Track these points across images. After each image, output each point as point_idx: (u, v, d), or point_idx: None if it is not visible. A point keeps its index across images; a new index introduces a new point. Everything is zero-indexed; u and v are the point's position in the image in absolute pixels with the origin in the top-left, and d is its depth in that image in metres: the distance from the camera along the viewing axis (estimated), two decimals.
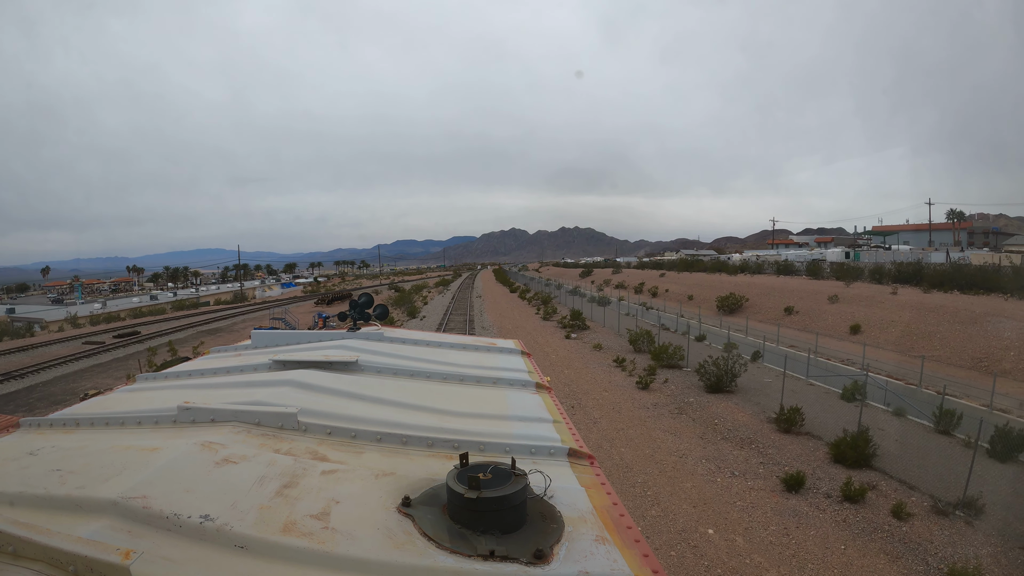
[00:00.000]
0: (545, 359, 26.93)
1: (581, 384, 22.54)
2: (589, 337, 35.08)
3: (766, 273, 64.22)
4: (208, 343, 35.35)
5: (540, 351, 29.49)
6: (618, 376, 23.93)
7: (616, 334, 36.11)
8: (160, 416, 2.75)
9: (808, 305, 41.65)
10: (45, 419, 2.90)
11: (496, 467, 1.94)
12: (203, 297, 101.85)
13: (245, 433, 2.51)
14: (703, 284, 61.29)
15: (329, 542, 1.70)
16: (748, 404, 19.17)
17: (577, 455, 2.62)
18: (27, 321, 59.70)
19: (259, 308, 67.18)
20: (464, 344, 5.30)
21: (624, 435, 16.39)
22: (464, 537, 1.77)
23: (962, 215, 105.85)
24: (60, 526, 1.64)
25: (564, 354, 29.42)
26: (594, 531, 1.88)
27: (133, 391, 3.71)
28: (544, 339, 34.96)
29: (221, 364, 4.17)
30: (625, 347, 30.94)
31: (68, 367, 31.42)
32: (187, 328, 47.95)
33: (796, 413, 16.31)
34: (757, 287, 51.33)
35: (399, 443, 2.58)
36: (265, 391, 3.14)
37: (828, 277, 52.34)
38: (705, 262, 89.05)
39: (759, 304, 46.07)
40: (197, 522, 1.72)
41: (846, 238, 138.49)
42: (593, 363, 26.76)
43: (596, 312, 45.85)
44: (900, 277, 44.49)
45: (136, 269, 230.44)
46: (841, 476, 13.00)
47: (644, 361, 26.23)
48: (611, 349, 30.39)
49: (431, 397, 3.49)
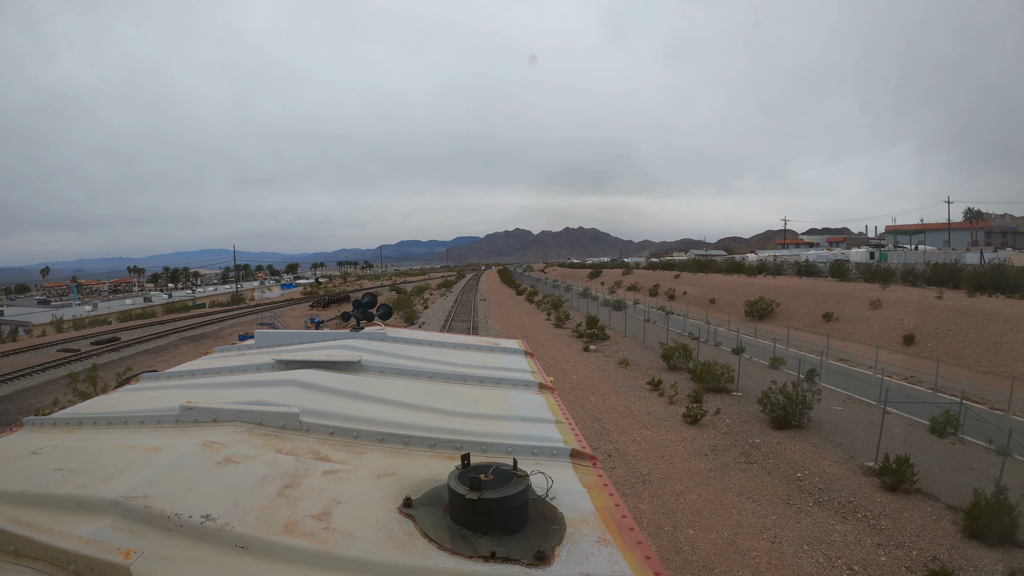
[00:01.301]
0: (564, 379, 23.46)
1: (613, 416, 18.55)
2: (610, 349, 31.30)
3: (786, 274, 61.06)
4: (184, 353, 34.55)
5: (556, 368, 25.95)
6: (656, 404, 20.01)
7: (641, 345, 32.29)
8: (162, 415, 2.76)
9: (847, 311, 37.48)
10: (48, 418, 2.90)
11: (498, 468, 1.93)
12: (199, 299, 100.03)
13: (247, 433, 2.51)
14: (723, 286, 57.59)
15: (330, 542, 1.70)
16: (828, 445, 15.60)
17: (579, 456, 2.61)
18: (14, 324, 58.24)
19: (252, 311, 65.27)
20: (467, 344, 5.30)
21: (687, 503, 12.40)
22: (465, 538, 1.76)
23: (980, 214, 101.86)
24: (61, 525, 1.64)
25: (585, 372, 25.46)
26: (596, 533, 1.87)
27: (136, 390, 3.72)
28: (559, 351, 31.20)
29: (224, 364, 4.17)
30: (654, 362, 27.08)
31: (34, 379, 28.30)
32: (170, 334, 44.91)
33: (906, 465, 12.71)
34: (784, 290, 47.48)
35: (401, 443, 2.58)
36: (267, 391, 3.14)
37: (855, 279, 49.25)
38: (719, 262, 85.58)
39: (792, 309, 42.23)
40: (198, 522, 1.72)
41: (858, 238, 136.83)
42: (622, 385, 22.87)
43: (613, 318, 42.05)
44: (935, 279, 41.66)
45: (137, 270, 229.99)
46: (995, 567, 9.87)
47: (683, 382, 22.24)
48: (639, 365, 26.58)
49: (434, 397, 3.48)
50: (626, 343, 33.30)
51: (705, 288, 58.94)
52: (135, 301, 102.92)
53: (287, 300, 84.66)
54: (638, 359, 28.05)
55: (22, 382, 27.66)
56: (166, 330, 46.95)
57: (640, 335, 34.56)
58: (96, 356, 34.02)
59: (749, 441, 16.07)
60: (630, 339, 34.60)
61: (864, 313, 36.20)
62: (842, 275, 51.82)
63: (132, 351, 36.38)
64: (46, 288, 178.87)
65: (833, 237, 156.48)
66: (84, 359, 33.16)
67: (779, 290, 47.58)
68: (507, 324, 43.80)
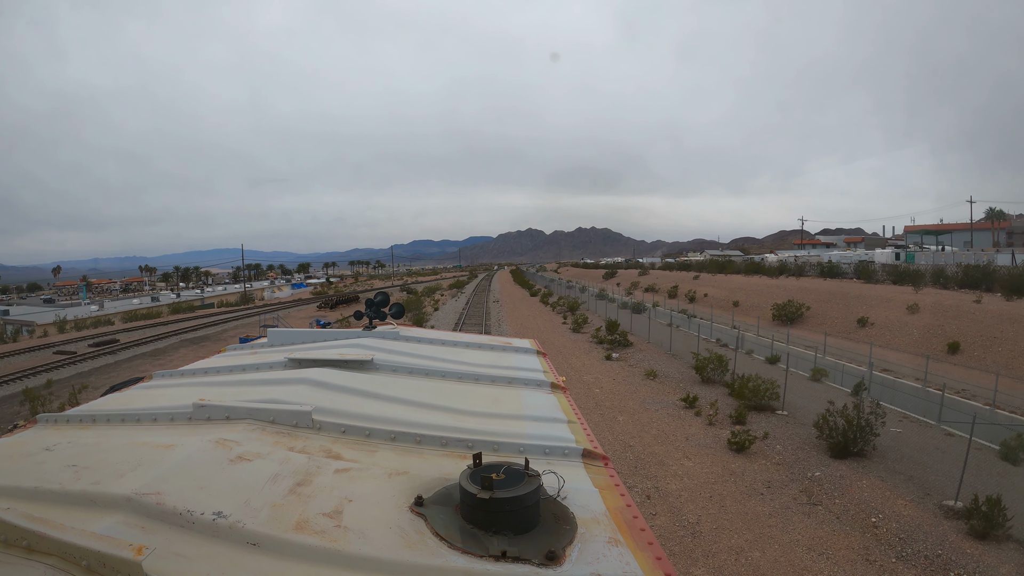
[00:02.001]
0: (587, 394, 21.21)
1: (647, 442, 15.99)
2: (634, 358, 28.59)
3: (808, 276, 58.38)
4: (183, 356, 33.37)
5: (578, 380, 23.46)
6: (694, 426, 17.56)
7: (667, 354, 29.66)
8: (175, 413, 2.77)
9: (882, 315, 35.02)
10: (62, 415, 2.93)
11: (509, 467, 1.92)
12: (208, 298, 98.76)
13: (259, 431, 2.52)
14: (745, 288, 54.80)
15: (341, 541, 1.70)
16: (897, 479, 13.41)
17: (591, 456, 2.60)
18: (18, 324, 57.74)
19: (259, 311, 62.19)
20: (480, 343, 5.29)
21: (749, 565, 10.19)
22: (476, 537, 1.75)
23: (1002, 214, 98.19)
24: (74, 521, 1.65)
25: (609, 385, 22.84)
26: (607, 533, 1.85)
27: (149, 388, 3.75)
28: (579, 360, 28.56)
29: (236, 362, 4.19)
30: (684, 374, 24.54)
31: (20, 384, 26.03)
32: (171, 336, 43.13)
33: (997, 508, 10.63)
34: (811, 292, 44.90)
35: (413, 442, 2.58)
36: (280, 389, 3.15)
37: (883, 280, 47.01)
38: (738, 263, 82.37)
39: (822, 313, 39.56)
40: (210, 519, 1.73)
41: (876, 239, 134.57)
42: (652, 401, 20.34)
43: (633, 322, 39.26)
44: (968, 282, 39.50)
45: (148, 269, 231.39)
46: None
47: (719, 398, 19.85)
48: (668, 377, 23.97)
49: (446, 396, 3.48)
50: (650, 351, 30.68)
51: (727, 290, 56.38)
52: (142, 301, 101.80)
53: (295, 301, 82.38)
54: (666, 370, 25.35)
55: (11, 387, 25.88)
56: (168, 331, 45.64)
57: (664, 341, 32.05)
58: (92, 359, 33.06)
59: (808, 475, 13.73)
60: (654, 346, 32.17)
61: (901, 318, 33.93)
62: (868, 277, 49.60)
63: (130, 354, 35.31)
64: (57, 287, 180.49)
65: (850, 238, 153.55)
66: (80, 362, 32.12)
67: (806, 292, 45.20)
68: (521, 328, 41.45)
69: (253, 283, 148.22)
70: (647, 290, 70.51)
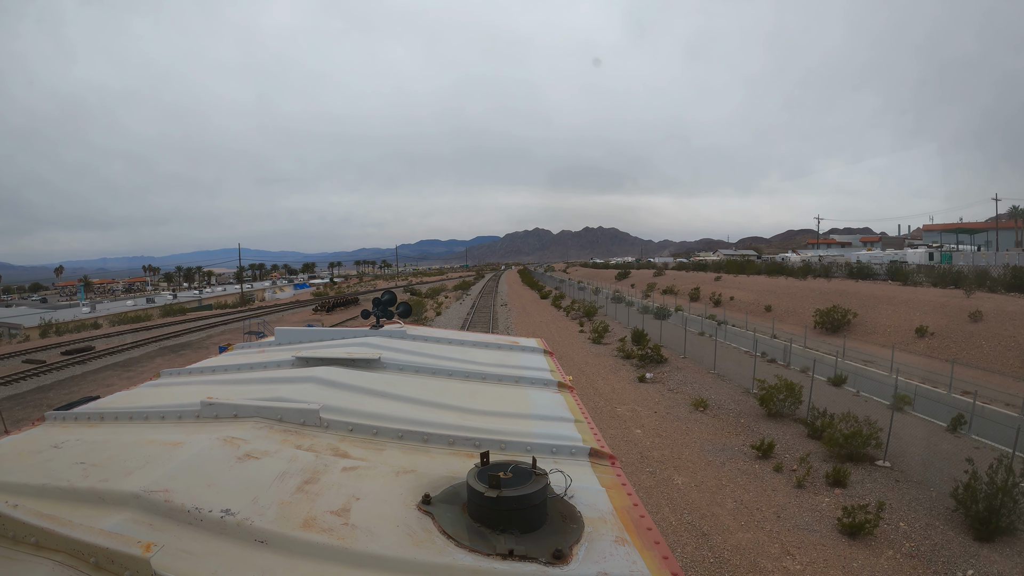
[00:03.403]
0: (625, 435, 16.55)
1: (724, 522, 11.72)
2: (673, 378, 23.38)
3: (836, 277, 53.55)
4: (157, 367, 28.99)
5: (608, 411, 18.99)
6: (779, 489, 13.07)
7: (712, 373, 24.15)
8: (183, 411, 2.78)
9: (940, 323, 30.30)
10: (70, 413, 2.95)
11: (517, 466, 1.92)
12: (206, 299, 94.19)
13: (267, 429, 2.52)
14: (774, 290, 49.86)
15: (349, 538, 1.70)
16: None
17: (598, 455, 2.59)
18: (4, 327, 55.05)
19: (253, 314, 58.23)
20: (487, 342, 5.29)
21: None
22: (483, 536, 1.75)
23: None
24: (82, 518, 1.66)
25: (651, 421, 17.91)
26: (614, 532, 1.85)
27: (157, 386, 3.76)
28: (606, 381, 23.35)
29: (244, 360, 4.21)
30: (739, 401, 19.77)
31: None
32: (150, 343, 39.70)
33: None
34: (850, 296, 40.12)
35: (420, 441, 2.58)
36: (287, 387, 3.16)
37: (921, 283, 42.66)
38: (758, 263, 76.23)
39: (871, 320, 34.76)
40: (218, 516, 1.73)
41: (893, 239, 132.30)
42: (713, 448, 15.54)
43: (657, 329, 33.70)
44: (1016, 284, 35.74)
45: (152, 269, 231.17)
46: None
47: (795, 439, 15.78)
48: (722, 408, 19.15)
49: (453, 395, 3.48)
50: (690, 368, 25.34)
51: (754, 292, 51.63)
52: (136, 302, 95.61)
53: (292, 303, 77.65)
54: (716, 396, 20.37)
55: None
56: (150, 337, 42.37)
57: (701, 354, 27.52)
58: (59, 369, 30.21)
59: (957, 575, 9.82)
60: (692, 361, 26.90)
61: (963, 327, 29.35)
62: (905, 279, 45.30)
63: (101, 363, 32.60)
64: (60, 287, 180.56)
65: (867, 237, 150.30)
66: (47, 372, 29.31)
67: (844, 296, 40.24)
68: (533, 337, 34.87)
69: (254, 284, 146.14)
70: (665, 292, 65.68)
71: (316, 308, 60.85)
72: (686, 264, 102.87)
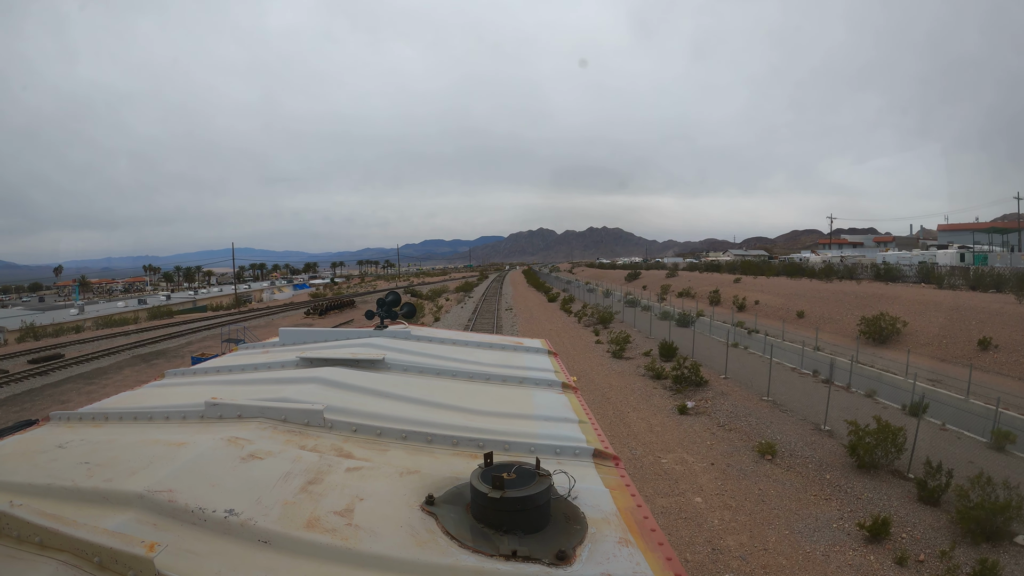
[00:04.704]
0: (680, 507, 12.35)
1: None
2: (720, 407, 18.85)
3: (862, 279, 50.17)
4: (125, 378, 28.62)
5: (650, 464, 14.58)
6: None
7: (767, 401, 19.43)
8: (187, 411, 2.79)
9: (1004, 336, 26.61)
10: (75, 413, 2.95)
11: (520, 467, 1.92)
12: (201, 300, 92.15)
13: (271, 429, 2.53)
14: (801, 294, 45.35)
15: (352, 539, 1.70)
16: None
17: (602, 456, 2.59)
18: None
19: (242, 317, 56.23)
20: (491, 343, 5.29)
21: None
22: (487, 537, 1.75)
23: None
24: (86, 518, 1.66)
25: (711, 480, 13.61)
26: (617, 533, 1.85)
27: (161, 386, 3.77)
28: (637, 410, 19.27)
29: (249, 361, 4.22)
30: (813, 442, 15.39)
31: None
32: (123, 350, 37.13)
33: None
34: (887, 300, 35.80)
35: (424, 441, 2.58)
36: (292, 388, 3.16)
37: (958, 286, 39.23)
38: (775, 265, 71.49)
39: (921, 329, 30.53)
40: (222, 516, 1.74)
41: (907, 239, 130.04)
42: (804, 528, 11.47)
43: (683, 339, 29.88)
44: None
45: (152, 268, 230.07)
46: None
47: (905, 508, 11.88)
48: (796, 455, 14.67)
49: (457, 396, 3.48)
50: (736, 392, 20.59)
51: (780, 296, 47.14)
52: (127, 303, 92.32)
53: (286, 305, 73.97)
54: (783, 436, 15.87)
55: None
56: (127, 343, 40.03)
57: (745, 373, 23.23)
58: (19, 381, 28.14)
59: None
60: (735, 383, 22.01)
61: None
62: (940, 281, 41.62)
63: (65, 374, 30.29)
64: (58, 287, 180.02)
65: (880, 237, 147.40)
66: (7, 384, 27.28)
67: (881, 300, 35.98)
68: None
69: (252, 284, 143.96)
70: (681, 295, 61.25)
71: (308, 311, 57.87)
72: (697, 265, 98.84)
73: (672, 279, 77.32)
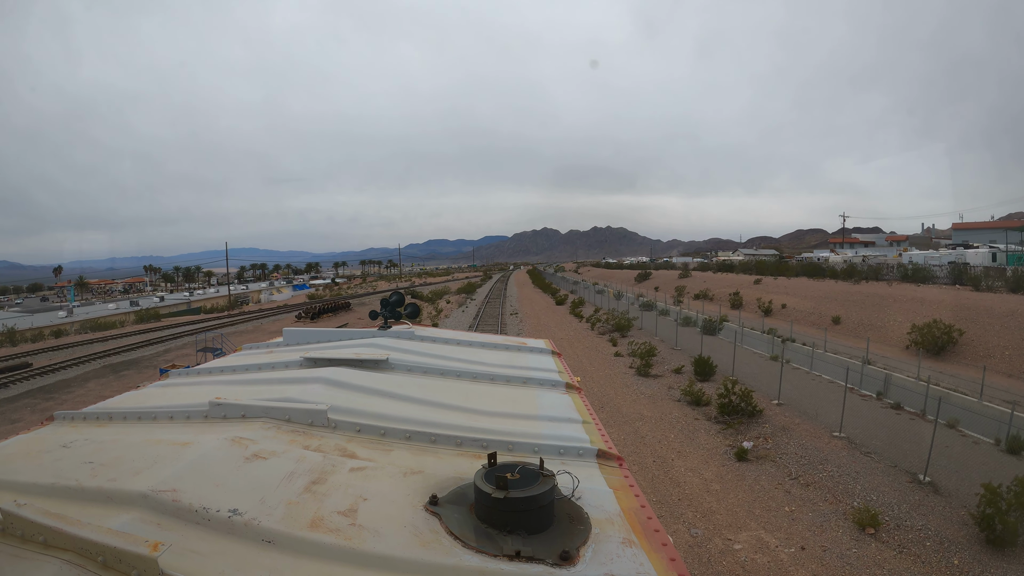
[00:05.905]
0: None
1: None
2: (786, 449, 14.94)
3: (887, 279, 46.74)
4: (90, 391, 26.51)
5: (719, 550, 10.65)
6: None
7: (840, 438, 15.14)
8: (191, 411, 2.79)
9: None
10: (79, 413, 2.96)
11: (524, 467, 1.92)
12: (196, 302, 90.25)
13: (275, 429, 2.53)
14: (831, 296, 42.02)
15: (356, 539, 1.70)
16: None
17: (606, 456, 2.58)
18: None
19: (230, 321, 53.73)
20: (495, 343, 5.28)
21: None
22: (490, 537, 1.75)
23: None
24: (91, 517, 1.66)
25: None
26: (621, 533, 1.84)
27: (165, 386, 3.78)
28: (682, 454, 15.36)
29: (253, 361, 4.22)
30: (915, 502, 11.77)
31: None
32: (95, 358, 34.49)
33: None
34: (931, 305, 32.60)
35: (428, 441, 2.58)
36: (295, 388, 3.16)
37: (997, 289, 35.94)
38: (794, 265, 66.64)
39: (981, 340, 26.68)
40: (225, 516, 1.74)
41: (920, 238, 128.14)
42: None
43: (714, 350, 25.88)
44: None
45: (152, 268, 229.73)
46: None
47: None
48: (903, 525, 11.03)
49: (461, 396, 3.48)
50: (798, 426, 16.38)
51: (808, 299, 43.61)
52: (119, 305, 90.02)
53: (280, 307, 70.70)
54: (875, 493, 12.24)
55: None
56: (99, 351, 37.17)
57: (799, 396, 19.35)
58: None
59: None
60: (794, 410, 17.80)
61: None
62: (976, 284, 38.24)
63: (25, 387, 27.70)
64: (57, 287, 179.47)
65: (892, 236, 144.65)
66: None
67: (923, 305, 32.87)
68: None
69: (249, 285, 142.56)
70: (698, 297, 56.80)
71: (299, 315, 54.77)
72: (709, 265, 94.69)
73: (686, 280, 73.11)
